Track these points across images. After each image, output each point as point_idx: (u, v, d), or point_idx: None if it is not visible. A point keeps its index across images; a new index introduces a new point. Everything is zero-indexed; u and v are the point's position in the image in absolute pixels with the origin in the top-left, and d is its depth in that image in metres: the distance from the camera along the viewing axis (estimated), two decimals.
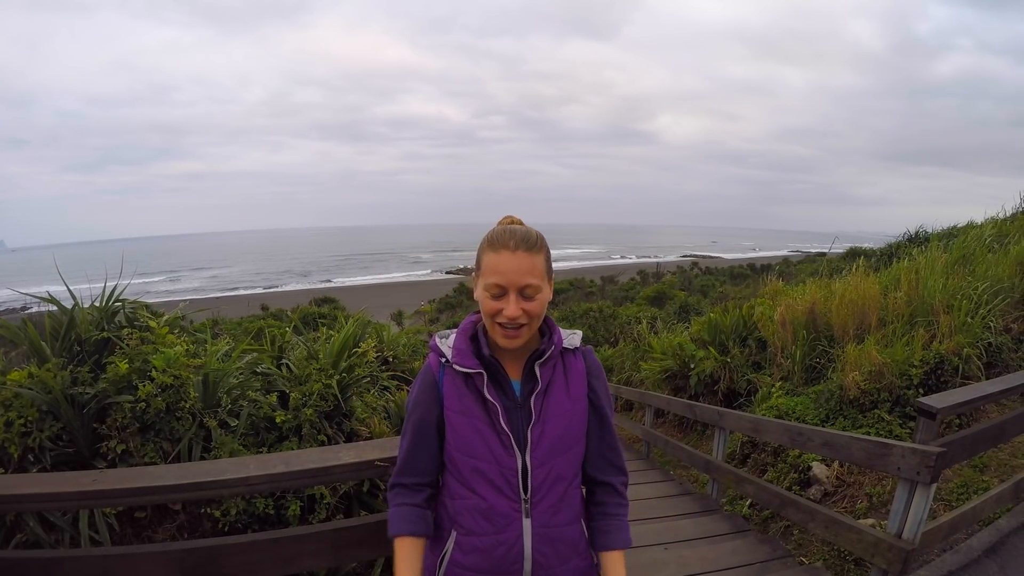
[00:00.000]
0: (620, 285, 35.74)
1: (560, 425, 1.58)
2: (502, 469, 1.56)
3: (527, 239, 1.53)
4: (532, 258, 1.52)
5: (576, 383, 1.64)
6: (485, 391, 1.57)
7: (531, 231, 1.56)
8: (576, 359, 1.67)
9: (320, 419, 3.43)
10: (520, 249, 1.51)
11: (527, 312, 1.51)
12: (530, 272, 1.51)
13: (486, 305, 1.54)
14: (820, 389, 5.37)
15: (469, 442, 1.57)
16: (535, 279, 1.51)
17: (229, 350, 3.75)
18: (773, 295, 8.13)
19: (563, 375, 1.63)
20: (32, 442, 2.79)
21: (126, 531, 2.79)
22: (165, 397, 3.04)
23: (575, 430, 1.62)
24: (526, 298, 1.51)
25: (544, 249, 1.57)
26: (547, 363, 1.61)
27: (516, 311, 1.50)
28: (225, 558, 2.17)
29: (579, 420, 1.62)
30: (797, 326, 6.49)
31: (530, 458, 1.56)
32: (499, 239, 1.53)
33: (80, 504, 2.43)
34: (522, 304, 1.51)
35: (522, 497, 1.56)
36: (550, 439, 1.57)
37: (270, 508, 3.00)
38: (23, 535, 2.62)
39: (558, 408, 1.59)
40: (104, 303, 3.41)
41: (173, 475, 2.21)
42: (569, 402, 1.61)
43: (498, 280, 1.50)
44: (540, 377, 1.59)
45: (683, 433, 7.97)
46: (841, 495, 4.37)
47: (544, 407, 1.58)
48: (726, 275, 38.33)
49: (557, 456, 1.58)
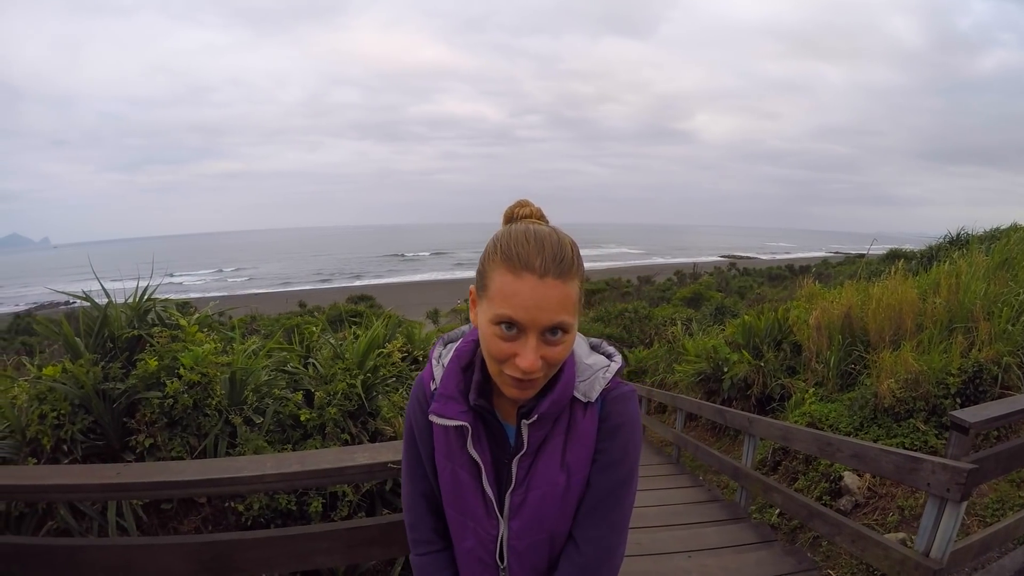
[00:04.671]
0: (656, 285, 35.40)
1: (547, 500, 1.25)
2: (479, 532, 1.30)
3: (560, 257, 1.10)
4: (565, 287, 1.09)
5: (578, 449, 1.25)
6: (469, 447, 1.25)
7: (564, 241, 1.13)
8: (588, 415, 1.25)
9: (344, 418, 3.49)
10: (550, 275, 1.08)
11: (547, 360, 1.12)
12: (561, 307, 1.09)
13: (492, 345, 1.12)
14: (854, 396, 5.24)
15: (452, 494, 1.31)
16: (567, 315, 1.10)
17: (256, 348, 3.83)
18: (809, 298, 7.96)
19: (564, 434, 1.25)
20: (64, 434, 2.91)
21: (152, 522, 2.88)
22: (192, 394, 3.13)
23: (568, 507, 1.26)
24: (549, 341, 1.11)
25: (579, 269, 1.14)
26: (542, 421, 1.23)
27: (534, 362, 1.09)
28: (241, 552, 2.23)
29: (574, 495, 1.26)
30: (832, 330, 6.35)
31: (507, 527, 1.27)
32: (521, 254, 1.09)
33: (104, 496, 2.52)
34: (544, 350, 1.11)
35: (500, 566, 1.30)
36: (532, 511, 1.25)
37: (292, 504, 3.05)
38: (54, 523, 2.73)
39: (545, 479, 1.24)
40: (136, 301, 3.52)
41: (192, 471, 2.28)
42: (562, 473, 1.24)
43: (514, 315, 1.08)
44: (527, 439, 1.23)
45: (716, 438, 7.86)
46: (872, 507, 4.26)
47: (530, 473, 1.25)
48: (764, 276, 37.71)
49: (543, 531, 1.27)
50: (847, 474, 4.49)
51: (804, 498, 4.07)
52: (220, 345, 3.51)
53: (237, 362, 3.37)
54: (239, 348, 3.57)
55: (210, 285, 68.33)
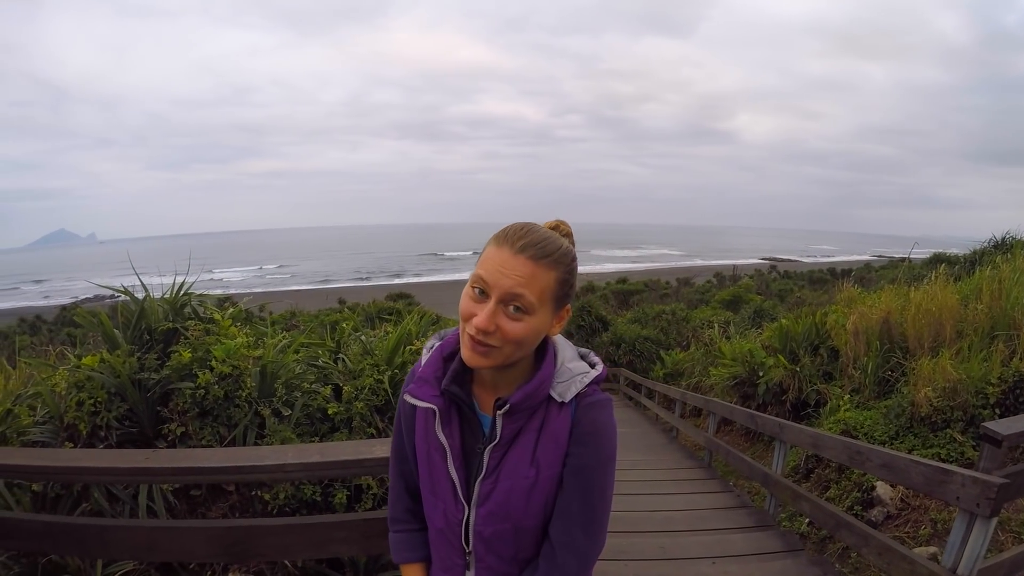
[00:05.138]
0: (695, 287, 34.88)
1: (514, 492, 1.29)
2: (448, 515, 1.35)
3: (542, 246, 1.20)
4: (537, 268, 1.19)
5: (548, 447, 1.29)
6: (437, 430, 1.32)
7: (556, 241, 1.24)
8: (561, 415, 1.30)
9: (371, 412, 3.55)
10: (525, 254, 1.19)
11: (503, 331, 1.19)
12: (526, 282, 1.18)
13: (462, 305, 1.22)
14: (890, 404, 5.11)
15: (426, 474, 1.38)
16: (529, 293, 1.18)
17: (288, 343, 3.92)
18: (848, 302, 7.79)
19: (537, 431, 1.30)
20: (100, 421, 3.05)
21: (182, 507, 2.99)
22: (223, 385, 3.24)
23: (535, 502, 1.30)
24: (509, 314, 1.19)
25: (561, 268, 1.23)
26: (516, 413, 1.28)
27: (487, 321, 1.17)
28: (261, 538, 2.30)
29: (541, 492, 1.30)
30: (870, 336, 6.21)
31: (475, 513, 1.32)
32: (508, 233, 1.22)
33: (134, 479, 2.63)
34: (500, 318, 1.19)
35: (465, 550, 1.36)
36: (499, 500, 1.30)
37: (317, 495, 3.13)
38: (88, 505, 2.87)
39: (515, 471, 1.29)
40: (173, 296, 3.65)
41: (217, 458, 2.37)
42: (532, 468, 1.29)
43: (483, 275, 1.19)
44: (500, 430, 1.28)
45: (749, 443, 7.76)
46: (904, 519, 4.15)
47: (501, 464, 1.30)
48: (805, 280, 36.89)
49: (508, 522, 1.31)
50: (879, 484, 4.38)
51: (832, 507, 4.00)
52: (252, 339, 3.61)
53: (268, 356, 3.47)
54: (270, 342, 3.67)
55: (251, 281, 69.91)
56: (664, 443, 9.42)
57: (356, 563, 3.05)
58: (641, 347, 17.36)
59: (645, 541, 4.24)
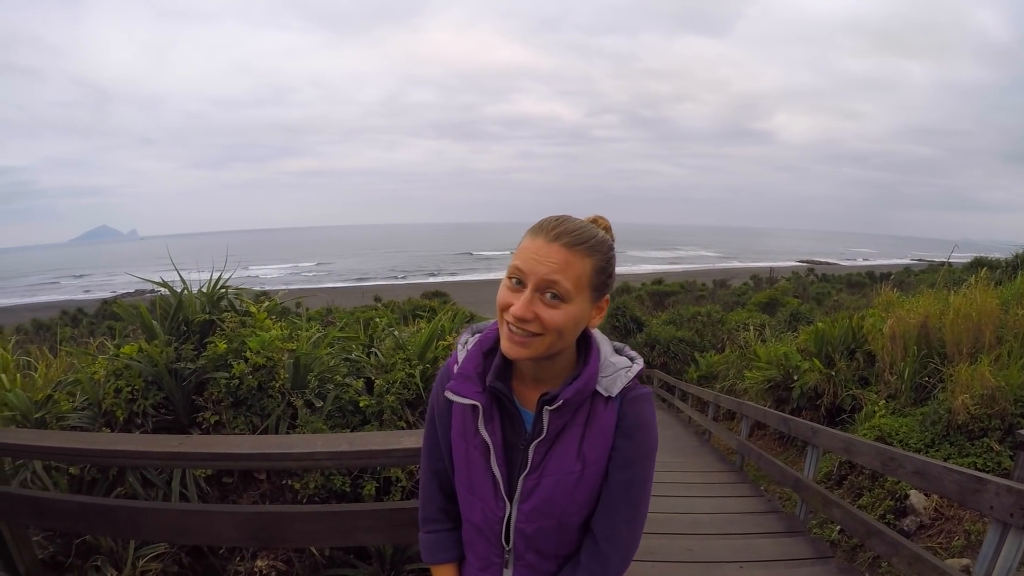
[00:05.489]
0: (732, 289, 34.46)
1: (559, 487, 1.29)
2: (487, 513, 1.34)
3: (577, 234, 1.20)
4: (572, 255, 1.18)
5: (596, 441, 1.29)
6: (481, 427, 1.31)
7: (591, 229, 1.23)
8: (608, 410, 1.30)
9: (402, 406, 3.59)
10: (560, 241, 1.19)
11: (541, 319, 1.18)
12: (561, 269, 1.17)
13: (500, 296, 1.23)
14: (926, 411, 4.99)
15: (464, 472, 1.37)
16: (565, 280, 1.17)
17: (321, 336, 3.99)
18: (886, 306, 7.62)
19: (583, 426, 1.30)
20: (137, 408, 3.15)
21: (214, 494, 3.07)
22: (257, 376, 3.32)
23: (580, 497, 1.30)
24: (546, 302, 1.18)
25: (597, 256, 1.22)
26: (563, 408, 1.28)
27: (525, 310, 1.17)
28: (289, 525, 2.34)
29: (587, 487, 1.30)
30: (908, 341, 6.06)
31: (517, 511, 1.32)
32: (543, 224, 1.22)
33: (167, 463, 2.70)
34: (537, 306, 1.18)
35: (504, 547, 1.35)
36: (544, 496, 1.29)
37: (346, 486, 3.17)
38: (123, 489, 2.96)
39: (560, 466, 1.29)
40: (211, 289, 3.74)
41: (247, 445, 2.43)
42: (578, 463, 1.29)
43: (519, 264, 1.19)
44: (547, 425, 1.28)
45: (782, 448, 7.64)
46: (938, 529, 4.05)
47: (546, 459, 1.30)
48: (843, 283, 36.17)
49: (552, 518, 1.31)
50: (913, 493, 4.28)
51: (863, 514, 3.92)
52: (287, 332, 3.68)
53: (302, 348, 3.54)
54: (304, 335, 3.74)
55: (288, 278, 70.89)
56: (696, 446, 9.36)
57: (382, 553, 3.08)
58: (676, 349, 17.25)
59: (673, 543, 4.22)
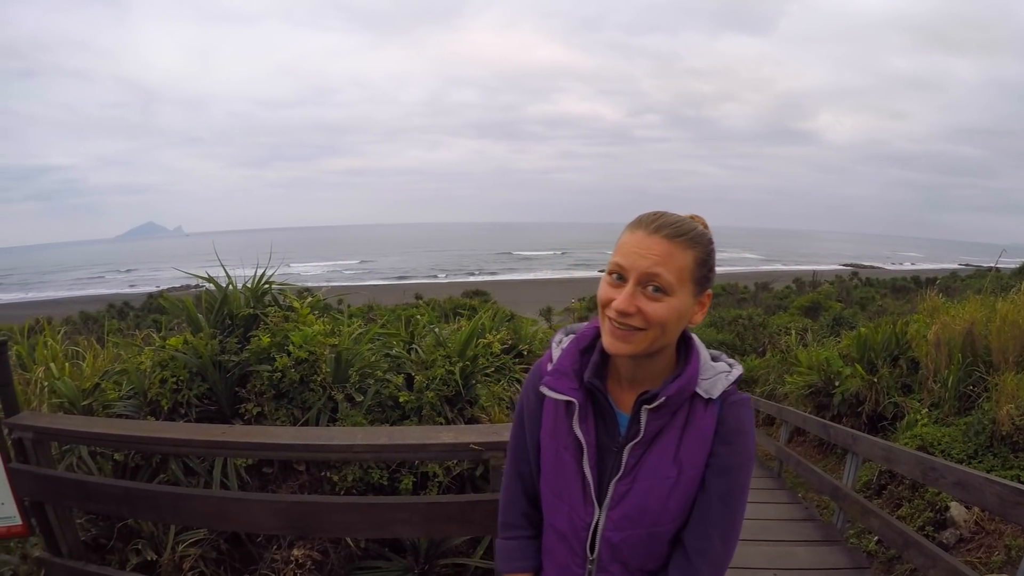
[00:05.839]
0: (774, 292, 33.97)
1: (653, 493, 1.23)
2: (573, 518, 1.29)
3: (677, 226, 1.19)
4: (673, 247, 1.16)
5: (693, 446, 1.24)
6: (575, 425, 1.27)
7: (690, 223, 1.22)
8: (707, 413, 1.25)
9: (441, 403, 3.63)
10: (660, 233, 1.17)
11: (644, 314, 1.16)
12: (662, 261, 1.15)
13: (601, 291, 1.21)
14: (970, 421, 4.86)
15: (552, 474, 1.32)
16: (667, 272, 1.15)
17: (363, 332, 4.06)
18: (931, 312, 7.43)
19: (681, 429, 1.24)
20: (181, 398, 3.26)
21: (254, 483, 3.14)
22: (300, 370, 3.39)
23: (674, 505, 1.24)
24: (649, 295, 1.16)
25: (699, 249, 1.21)
26: (663, 409, 1.23)
27: (628, 304, 1.15)
28: (326, 515, 2.40)
29: (681, 494, 1.24)
30: (953, 348, 5.90)
31: (605, 517, 1.26)
32: (642, 218, 1.21)
33: (209, 452, 2.79)
34: (640, 300, 1.16)
35: (587, 557, 1.28)
36: (636, 502, 1.24)
37: (384, 480, 3.22)
38: (165, 476, 3.06)
39: (656, 471, 1.23)
40: (255, 284, 3.84)
41: (289, 436, 2.49)
42: (674, 468, 1.23)
43: (620, 260, 1.18)
44: (645, 426, 1.23)
45: (822, 455, 7.51)
46: (978, 543, 3.94)
47: (640, 463, 1.24)
48: (887, 287, 35.38)
49: (642, 527, 1.24)
50: (953, 505, 4.18)
51: (902, 525, 3.85)
52: (329, 327, 3.75)
53: (343, 343, 3.60)
54: (346, 331, 3.80)
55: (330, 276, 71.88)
56: None
57: (417, 547, 3.13)
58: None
59: None
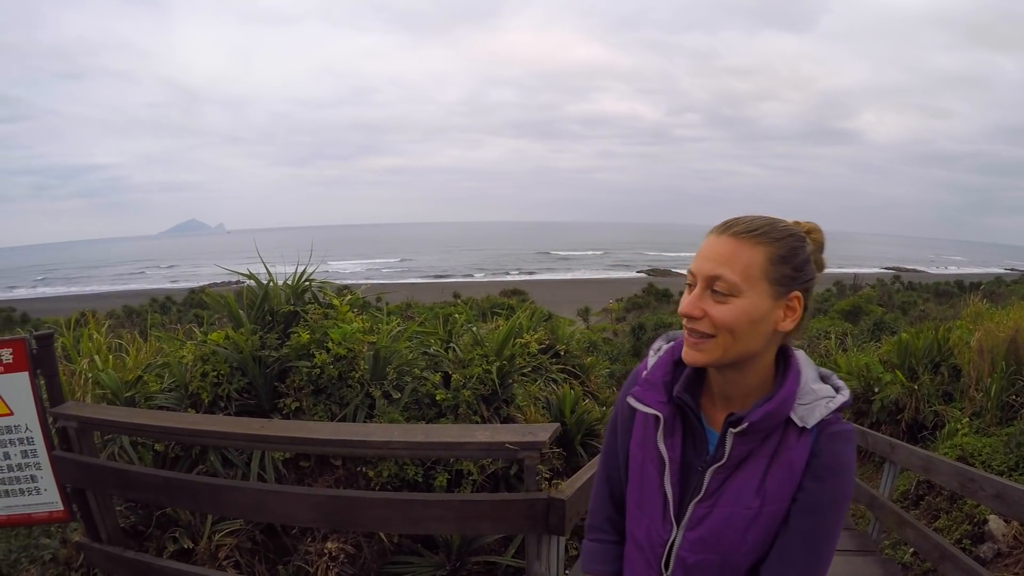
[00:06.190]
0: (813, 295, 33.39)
1: (732, 521, 1.14)
2: (651, 533, 1.23)
3: (748, 223, 1.12)
4: (739, 245, 1.10)
5: (780, 478, 1.13)
6: (660, 439, 1.21)
7: (767, 219, 1.15)
8: (800, 443, 1.13)
9: (478, 401, 3.67)
10: (728, 232, 1.12)
11: (710, 317, 1.09)
12: (726, 261, 1.09)
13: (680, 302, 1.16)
14: (1012, 431, 4.74)
15: (637, 485, 1.27)
16: (729, 272, 1.08)
17: (401, 330, 4.11)
18: (974, 318, 7.22)
19: (769, 458, 1.14)
20: (221, 392, 3.35)
21: (291, 477, 3.22)
22: (338, 366, 3.46)
23: (752, 537, 1.14)
24: (715, 299, 1.10)
25: (774, 244, 1.12)
26: (750, 434, 1.13)
27: (692, 307, 1.11)
28: (361, 510, 2.46)
29: (761, 527, 1.13)
30: (996, 355, 5.73)
31: (682, 536, 1.18)
32: (720, 222, 1.16)
33: (248, 445, 2.87)
34: (706, 303, 1.10)
35: (662, 573, 1.22)
36: (713, 528, 1.15)
37: (419, 476, 3.27)
38: (204, 467, 3.16)
39: (737, 499, 1.14)
40: (295, 282, 3.93)
41: (327, 431, 2.56)
42: (756, 499, 1.13)
43: (691, 266, 1.14)
44: (729, 450, 1.14)
45: (859, 463, 7.37)
46: (1016, 558, 3.83)
47: (723, 489, 1.15)
48: (930, 292, 34.33)
49: (716, 553, 1.16)
50: (992, 518, 4.07)
51: (938, 537, 3.76)
52: (368, 325, 3.82)
53: (381, 341, 3.66)
54: (384, 329, 3.87)
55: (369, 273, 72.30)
56: None
57: (449, 544, 3.17)
58: None
59: None
